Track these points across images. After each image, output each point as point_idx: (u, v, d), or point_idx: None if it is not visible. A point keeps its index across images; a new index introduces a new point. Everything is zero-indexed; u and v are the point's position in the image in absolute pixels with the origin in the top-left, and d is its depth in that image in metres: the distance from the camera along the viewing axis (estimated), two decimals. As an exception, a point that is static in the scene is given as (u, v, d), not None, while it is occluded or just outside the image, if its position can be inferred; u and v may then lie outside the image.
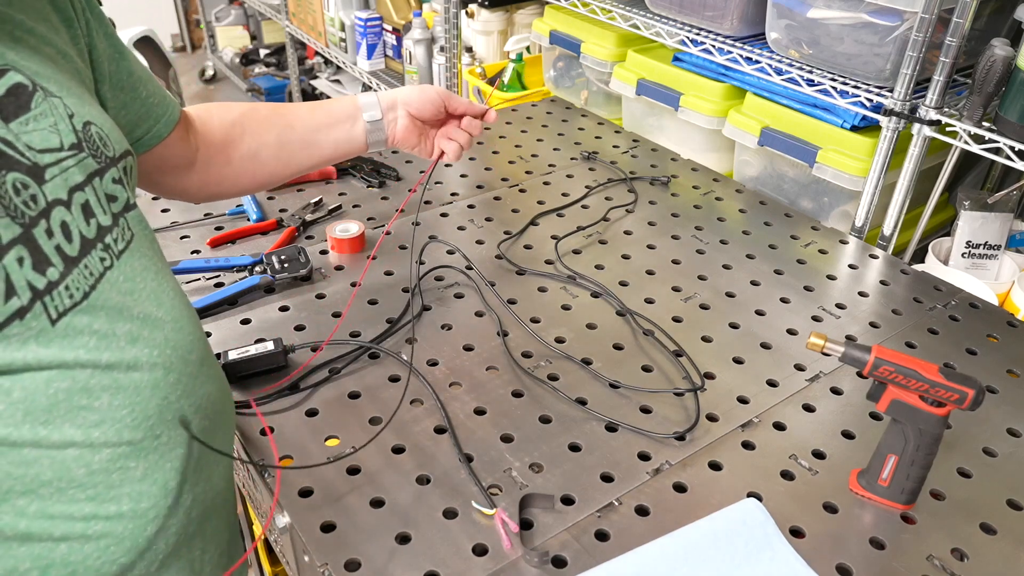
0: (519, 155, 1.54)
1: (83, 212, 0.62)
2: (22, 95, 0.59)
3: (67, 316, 0.58)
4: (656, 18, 1.63)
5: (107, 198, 0.65)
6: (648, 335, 1.06)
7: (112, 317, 0.62)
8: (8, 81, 0.59)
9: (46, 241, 0.58)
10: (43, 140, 0.60)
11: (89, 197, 0.63)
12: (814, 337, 0.79)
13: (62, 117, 0.62)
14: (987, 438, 0.92)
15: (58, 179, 0.60)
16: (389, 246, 1.24)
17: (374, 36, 2.81)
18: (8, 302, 0.54)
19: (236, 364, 0.95)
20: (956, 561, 0.77)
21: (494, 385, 0.97)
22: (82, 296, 0.60)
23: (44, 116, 0.60)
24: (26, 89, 0.60)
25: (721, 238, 1.29)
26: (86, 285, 0.60)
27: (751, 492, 0.83)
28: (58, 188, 0.60)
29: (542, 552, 0.75)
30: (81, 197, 0.62)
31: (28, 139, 0.58)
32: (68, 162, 0.61)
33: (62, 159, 0.61)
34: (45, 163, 0.59)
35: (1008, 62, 1.15)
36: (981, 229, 1.42)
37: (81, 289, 0.60)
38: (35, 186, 0.58)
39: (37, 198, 0.58)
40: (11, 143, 0.57)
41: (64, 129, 0.62)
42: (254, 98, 4.31)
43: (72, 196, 0.61)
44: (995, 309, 1.15)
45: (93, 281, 0.61)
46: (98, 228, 0.63)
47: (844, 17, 1.31)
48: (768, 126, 1.48)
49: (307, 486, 0.83)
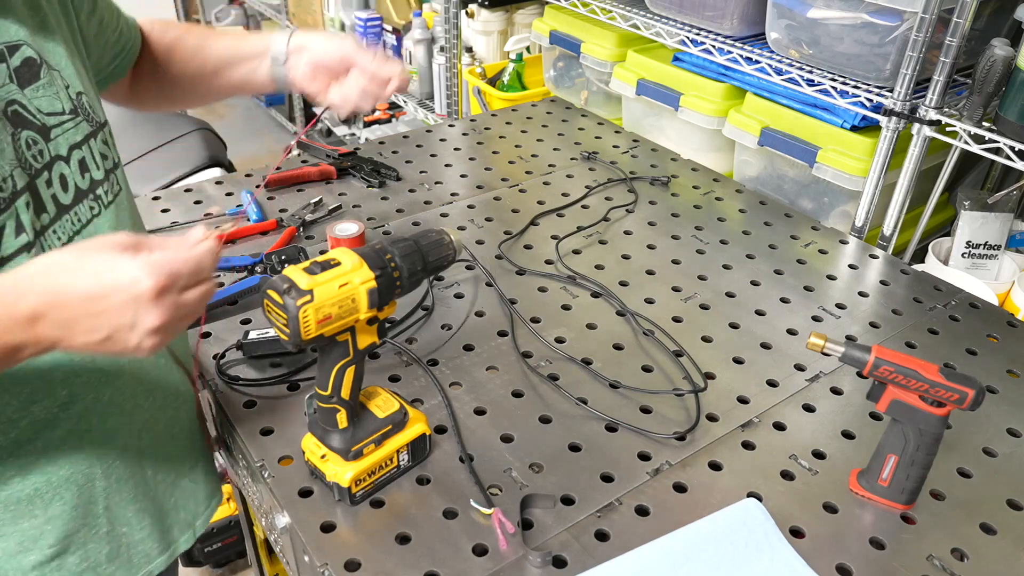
0: (519, 155, 1.54)
1: (80, 167, 0.73)
2: (33, 66, 0.70)
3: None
4: (656, 18, 1.63)
5: (100, 156, 0.76)
6: (648, 335, 1.06)
7: None
8: (23, 54, 0.69)
9: (45, 190, 0.69)
10: (49, 105, 0.71)
11: (85, 155, 0.74)
12: (814, 337, 0.79)
13: (61, 87, 0.72)
14: (987, 438, 0.92)
15: (60, 138, 0.71)
16: (389, 246, 1.24)
17: (374, 36, 2.81)
18: (18, 237, 0.66)
19: (254, 344, 0.98)
20: (956, 561, 0.77)
21: (494, 385, 0.97)
22: (68, 238, 0.71)
23: (49, 85, 0.71)
24: (35, 62, 0.70)
25: (721, 238, 1.29)
26: (71, 230, 0.71)
27: (751, 492, 0.83)
28: (60, 146, 0.71)
29: (545, 553, 0.75)
30: (79, 154, 0.73)
31: (38, 103, 0.70)
32: (68, 124, 0.72)
33: (64, 122, 0.72)
34: (51, 124, 0.71)
35: (1008, 62, 1.15)
36: (981, 229, 1.42)
37: (68, 232, 0.71)
38: (43, 143, 0.70)
39: (44, 153, 0.69)
40: (25, 106, 0.68)
41: (64, 97, 0.73)
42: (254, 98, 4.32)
43: (71, 153, 0.72)
44: (995, 309, 1.15)
45: (80, 227, 0.72)
46: (91, 181, 0.74)
47: (844, 17, 1.31)
48: (768, 126, 1.48)
49: (307, 486, 0.83)
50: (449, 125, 1.69)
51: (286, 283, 0.69)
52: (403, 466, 0.84)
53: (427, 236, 0.81)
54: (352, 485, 0.79)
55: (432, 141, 1.59)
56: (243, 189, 1.37)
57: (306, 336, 0.69)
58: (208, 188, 1.39)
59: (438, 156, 1.54)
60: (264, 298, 0.70)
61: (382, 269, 0.74)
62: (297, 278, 0.69)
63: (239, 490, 1.23)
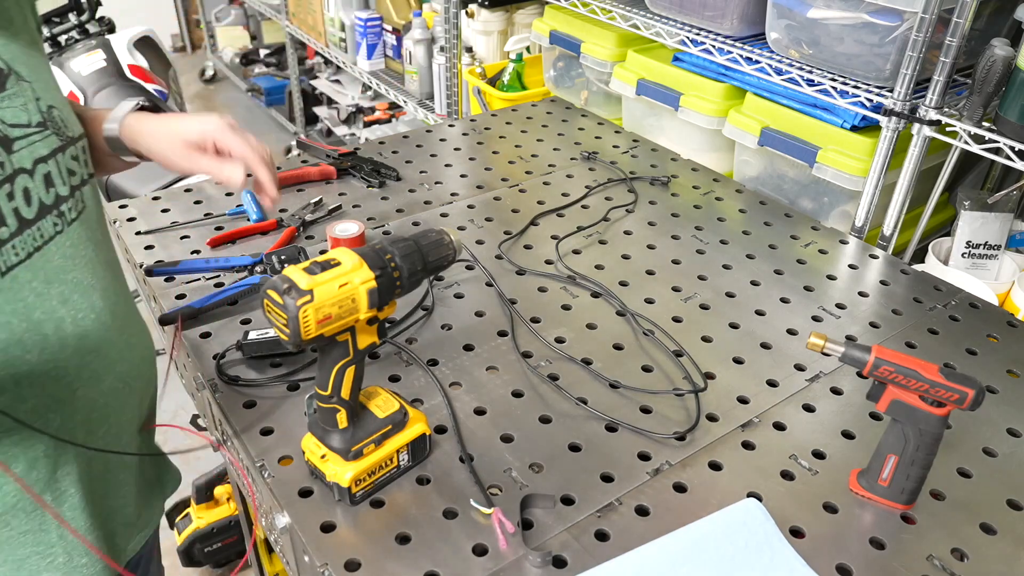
0: (519, 155, 1.54)
1: (44, 182, 0.71)
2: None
3: (15, 270, 0.67)
4: (656, 18, 1.63)
5: (67, 172, 0.74)
6: (648, 335, 1.06)
7: (49, 278, 0.71)
8: None
9: (6, 203, 0.66)
10: (14, 116, 0.68)
11: (51, 169, 0.72)
12: (814, 337, 0.79)
13: (31, 99, 0.71)
14: (987, 438, 0.92)
15: (24, 151, 0.69)
16: (389, 246, 1.24)
17: (374, 36, 2.81)
18: None
19: (254, 344, 0.98)
20: (956, 561, 0.77)
21: (494, 385, 0.97)
22: (26, 255, 0.69)
23: (16, 96, 0.69)
24: (2, 72, 0.68)
25: (721, 238, 1.29)
26: (31, 246, 0.69)
27: (751, 492, 0.83)
28: (24, 159, 0.69)
29: (545, 553, 0.75)
30: (44, 168, 0.71)
31: (2, 114, 0.67)
32: (35, 137, 0.70)
33: (30, 134, 0.70)
34: (14, 136, 0.68)
35: (1008, 62, 1.16)
36: (981, 229, 1.42)
37: (27, 249, 0.69)
38: (3, 154, 0.67)
39: (4, 165, 0.67)
40: None
41: (32, 109, 0.70)
42: (254, 98, 4.31)
43: (36, 167, 0.70)
44: (995, 309, 1.15)
45: (41, 243, 0.70)
46: (56, 197, 0.72)
47: (844, 17, 1.31)
48: (768, 126, 1.48)
49: (307, 486, 0.83)
50: (449, 125, 1.69)
51: (286, 283, 0.69)
52: (403, 466, 0.84)
53: (427, 236, 0.81)
54: (352, 485, 0.79)
55: (432, 141, 1.59)
56: (243, 189, 1.37)
57: (306, 336, 0.69)
58: (208, 188, 1.39)
59: (438, 156, 1.54)
60: (264, 298, 0.70)
61: (382, 269, 0.74)
62: (297, 278, 0.69)
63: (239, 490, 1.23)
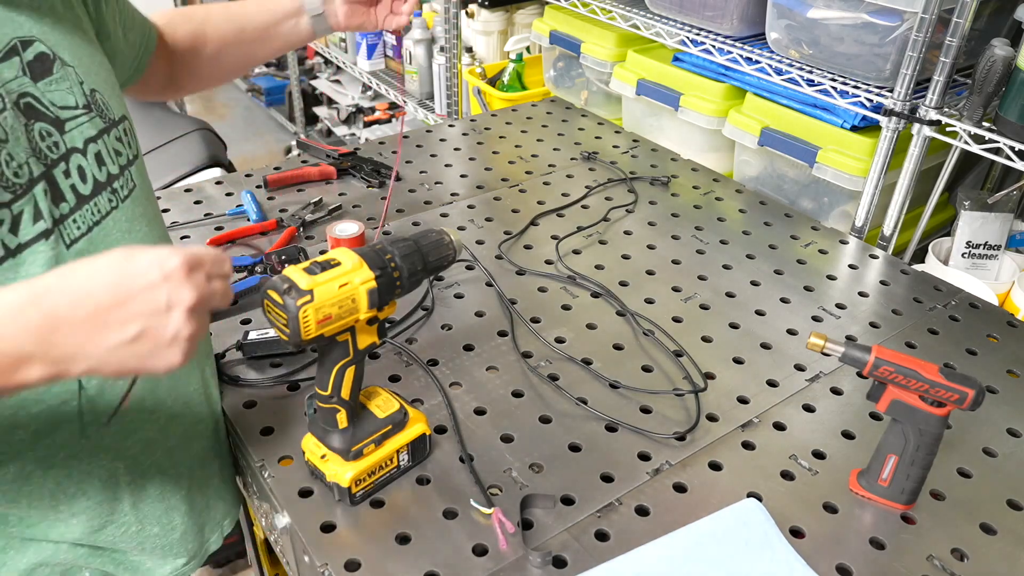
0: (519, 155, 1.54)
1: (96, 160, 0.74)
2: (46, 62, 0.71)
3: (78, 243, 0.70)
4: (656, 18, 1.63)
5: (115, 152, 0.76)
6: (648, 335, 1.06)
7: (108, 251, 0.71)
8: (36, 50, 0.70)
9: (63, 180, 0.70)
10: (62, 99, 0.71)
11: (101, 149, 0.75)
12: (814, 337, 0.79)
13: (75, 83, 0.73)
14: (987, 438, 0.92)
15: (75, 132, 0.72)
16: (389, 246, 1.24)
17: (374, 36, 2.81)
18: (36, 224, 0.67)
19: (254, 344, 0.98)
20: (956, 561, 0.77)
21: (494, 385, 0.97)
22: (87, 229, 0.72)
23: (62, 80, 0.72)
24: (48, 57, 0.71)
25: (721, 238, 1.29)
26: (91, 220, 0.72)
27: (751, 492, 0.83)
28: (75, 139, 0.72)
29: (545, 553, 0.75)
30: (94, 148, 0.74)
31: (51, 97, 0.70)
32: (82, 119, 0.73)
33: (77, 116, 0.73)
34: (65, 117, 0.71)
35: (1008, 62, 1.15)
36: (981, 229, 1.42)
37: (87, 223, 0.72)
38: (57, 135, 0.70)
39: (59, 144, 0.70)
40: (39, 98, 0.69)
41: (77, 92, 0.73)
42: (254, 98, 4.32)
43: (87, 146, 0.73)
44: (995, 309, 1.15)
45: (99, 218, 0.73)
46: (108, 175, 0.75)
47: (844, 17, 1.31)
48: (768, 126, 1.48)
49: (307, 486, 0.83)
50: (449, 125, 1.69)
51: (286, 283, 0.69)
52: (403, 466, 0.84)
53: (427, 236, 0.81)
54: (352, 485, 0.79)
55: (432, 141, 1.59)
56: (243, 189, 1.37)
57: (306, 336, 0.69)
58: (208, 188, 1.39)
59: (438, 156, 1.54)
60: (264, 298, 0.70)
61: (382, 269, 0.74)
62: (297, 278, 0.69)
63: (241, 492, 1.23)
